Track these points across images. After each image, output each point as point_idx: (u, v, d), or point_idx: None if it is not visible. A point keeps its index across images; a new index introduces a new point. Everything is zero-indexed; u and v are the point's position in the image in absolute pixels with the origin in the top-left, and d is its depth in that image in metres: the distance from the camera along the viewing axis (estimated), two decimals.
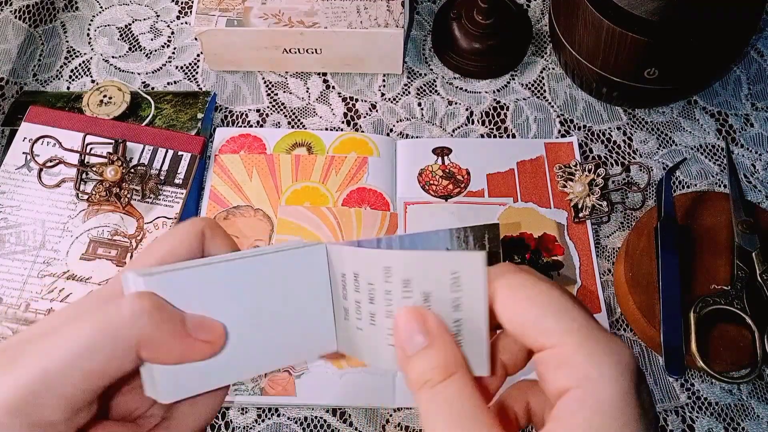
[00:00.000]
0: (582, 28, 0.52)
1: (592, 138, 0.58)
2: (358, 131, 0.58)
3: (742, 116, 0.59)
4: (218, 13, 0.57)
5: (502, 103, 0.60)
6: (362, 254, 0.29)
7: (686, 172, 0.56)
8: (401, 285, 0.28)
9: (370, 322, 0.29)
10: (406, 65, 0.62)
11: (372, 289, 0.29)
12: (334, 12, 0.57)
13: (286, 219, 0.52)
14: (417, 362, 0.26)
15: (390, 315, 0.28)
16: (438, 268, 0.27)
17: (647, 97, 0.57)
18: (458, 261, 0.27)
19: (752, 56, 0.63)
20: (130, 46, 0.63)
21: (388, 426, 0.46)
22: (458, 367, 0.26)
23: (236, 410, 0.47)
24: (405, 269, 0.28)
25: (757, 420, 0.47)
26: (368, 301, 0.29)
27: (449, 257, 0.27)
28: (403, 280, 0.28)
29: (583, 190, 0.52)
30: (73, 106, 0.57)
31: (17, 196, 0.51)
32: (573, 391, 0.24)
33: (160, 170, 0.53)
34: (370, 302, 0.29)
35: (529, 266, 0.49)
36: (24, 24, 0.62)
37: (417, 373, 0.26)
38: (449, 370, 0.26)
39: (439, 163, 0.56)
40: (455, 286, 0.27)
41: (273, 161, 0.55)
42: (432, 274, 0.27)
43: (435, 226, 0.52)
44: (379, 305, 0.29)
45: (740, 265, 0.48)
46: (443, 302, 0.27)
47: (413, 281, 0.27)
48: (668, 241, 0.48)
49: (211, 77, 0.61)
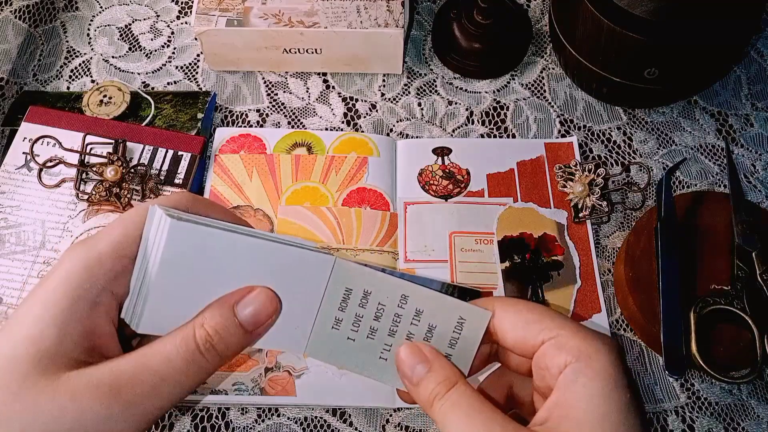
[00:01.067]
0: (582, 29, 0.52)
1: (592, 138, 0.58)
2: (358, 131, 0.58)
3: (742, 116, 0.59)
4: (218, 13, 0.57)
5: (502, 103, 0.60)
6: (382, 278, 0.33)
7: (686, 172, 0.56)
8: (413, 313, 0.33)
9: (368, 335, 0.33)
10: (406, 65, 0.62)
11: (381, 309, 0.33)
12: (334, 12, 0.57)
13: (286, 219, 0.52)
14: (424, 385, 0.31)
15: (392, 334, 0.33)
16: (450, 310, 0.33)
17: (647, 97, 0.57)
18: (470, 312, 0.33)
19: (752, 56, 0.63)
20: (130, 46, 0.63)
21: (388, 426, 0.47)
22: (458, 377, 0.31)
23: (236, 410, 0.47)
24: (421, 302, 0.33)
25: (757, 420, 0.47)
26: (372, 318, 0.33)
27: (464, 306, 0.33)
28: (416, 310, 0.33)
29: (583, 190, 0.52)
30: (73, 106, 0.57)
31: (17, 196, 0.52)
32: (572, 364, 0.29)
33: (160, 170, 0.53)
34: (374, 319, 0.33)
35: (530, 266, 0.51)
36: (24, 24, 0.62)
37: (426, 393, 0.31)
38: (452, 381, 0.31)
39: (439, 163, 0.56)
40: (458, 329, 0.33)
41: (273, 161, 0.55)
42: (443, 313, 0.33)
43: (435, 226, 0.52)
44: (385, 324, 0.33)
45: (740, 265, 0.48)
46: (442, 337, 0.33)
47: (425, 314, 0.33)
48: (668, 241, 0.48)
49: (211, 77, 0.61)
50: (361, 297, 0.33)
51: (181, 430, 0.46)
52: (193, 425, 0.46)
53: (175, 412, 0.47)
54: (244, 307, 0.31)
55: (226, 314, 0.31)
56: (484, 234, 0.52)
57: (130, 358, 0.29)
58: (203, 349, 0.30)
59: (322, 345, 0.34)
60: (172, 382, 0.29)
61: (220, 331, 0.31)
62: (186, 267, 0.31)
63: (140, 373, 0.29)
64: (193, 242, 0.30)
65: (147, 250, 0.31)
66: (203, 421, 0.47)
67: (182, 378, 0.29)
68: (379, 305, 0.33)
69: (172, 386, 0.29)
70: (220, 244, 0.31)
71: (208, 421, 0.47)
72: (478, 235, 0.52)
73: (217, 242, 0.31)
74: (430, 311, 0.33)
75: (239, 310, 0.31)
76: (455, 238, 0.52)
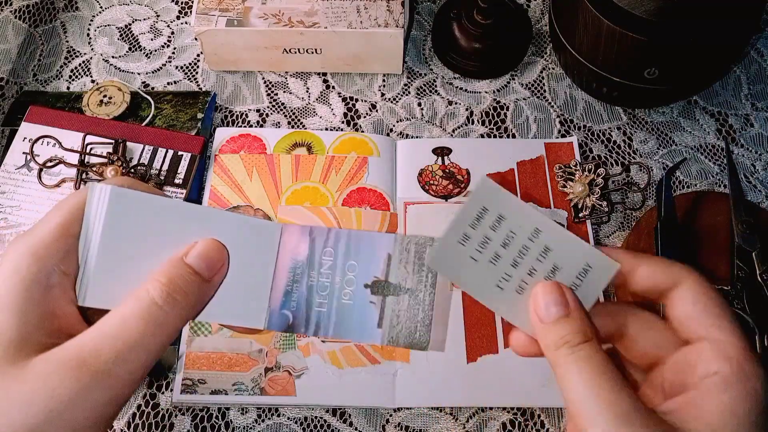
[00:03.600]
0: (582, 28, 0.52)
1: (592, 138, 0.58)
2: (358, 131, 0.58)
3: (742, 116, 0.59)
4: (218, 13, 0.57)
5: (502, 103, 0.60)
6: (520, 205, 0.32)
7: (686, 172, 0.56)
8: (541, 249, 0.32)
9: (490, 259, 0.32)
10: (406, 65, 0.62)
11: (511, 237, 0.32)
12: (334, 12, 0.57)
13: (286, 219, 0.52)
14: (557, 327, 0.29)
15: (515, 265, 0.32)
16: (578, 254, 0.31)
17: (647, 97, 0.57)
18: (597, 259, 0.31)
19: (752, 56, 0.63)
20: (130, 46, 0.63)
21: (388, 426, 0.47)
22: (593, 335, 0.29)
23: (236, 410, 0.47)
24: (552, 239, 0.32)
25: None
26: (500, 245, 0.32)
27: (594, 253, 0.31)
28: (545, 247, 0.32)
29: (583, 190, 0.52)
30: (73, 106, 0.57)
31: (17, 196, 0.51)
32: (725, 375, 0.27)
33: (160, 170, 0.53)
34: (501, 246, 0.32)
35: None
36: (24, 24, 0.62)
37: (556, 336, 0.29)
38: (587, 336, 0.29)
39: (439, 163, 0.56)
40: (582, 275, 0.31)
41: (273, 161, 0.55)
42: (571, 256, 0.32)
43: (435, 226, 0.52)
44: (510, 253, 0.32)
45: (740, 265, 0.48)
46: (563, 280, 0.31)
47: (552, 252, 0.32)
48: (668, 241, 0.48)
49: (211, 77, 0.61)
50: (494, 220, 0.32)
51: (181, 430, 0.46)
52: (193, 425, 0.46)
53: (175, 412, 0.47)
54: (193, 255, 0.32)
55: (177, 264, 0.31)
56: None
57: (91, 329, 0.29)
58: (160, 301, 0.30)
59: (444, 256, 0.33)
60: (133, 343, 0.29)
61: (174, 279, 0.31)
62: (129, 236, 0.31)
63: (101, 341, 0.28)
64: (135, 209, 0.31)
65: (89, 223, 0.31)
66: (203, 421, 0.47)
67: (142, 338, 0.29)
68: (510, 233, 0.32)
69: (135, 348, 0.29)
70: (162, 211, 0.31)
71: (208, 421, 0.47)
72: None
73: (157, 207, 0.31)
74: (558, 251, 0.32)
75: (189, 258, 0.32)
76: None
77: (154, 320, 0.30)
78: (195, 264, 0.31)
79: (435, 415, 0.47)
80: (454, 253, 0.33)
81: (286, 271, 0.37)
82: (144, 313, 0.29)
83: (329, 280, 0.36)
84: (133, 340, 0.29)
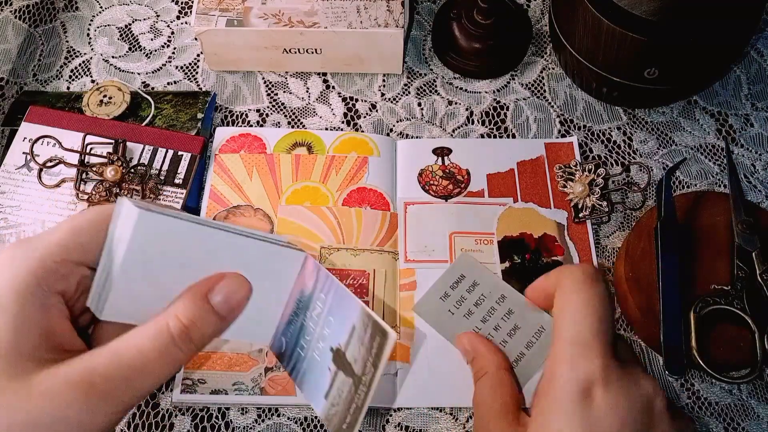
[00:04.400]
0: (582, 28, 0.52)
1: (592, 138, 0.58)
2: (358, 131, 0.58)
3: (742, 116, 0.59)
4: (218, 13, 0.57)
5: (502, 103, 0.60)
6: (490, 276, 0.43)
7: (686, 172, 0.56)
8: (505, 311, 0.41)
9: (465, 314, 0.42)
10: (406, 65, 0.62)
11: (482, 299, 0.42)
12: (334, 12, 0.57)
13: (286, 218, 0.52)
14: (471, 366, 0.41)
15: (484, 321, 0.42)
16: (535, 318, 0.40)
17: (647, 97, 0.57)
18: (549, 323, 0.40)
19: (752, 56, 0.63)
20: (130, 46, 0.63)
21: (388, 426, 0.47)
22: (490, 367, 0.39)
23: (236, 410, 0.47)
24: (514, 305, 0.41)
25: (757, 420, 0.47)
26: (473, 304, 0.42)
27: (546, 319, 0.40)
28: (509, 310, 0.41)
29: (583, 190, 0.52)
30: (73, 106, 0.57)
31: (17, 196, 0.52)
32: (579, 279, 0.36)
33: (160, 170, 0.53)
34: (474, 305, 0.42)
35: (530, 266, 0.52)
36: (24, 24, 0.62)
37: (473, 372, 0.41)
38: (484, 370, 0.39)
39: (439, 163, 0.56)
40: (536, 335, 0.40)
41: (273, 161, 0.55)
42: (529, 319, 0.40)
43: (435, 226, 0.52)
44: (480, 312, 0.42)
45: (740, 265, 0.48)
46: (522, 338, 0.40)
47: (514, 315, 0.41)
48: (668, 241, 0.48)
49: (211, 77, 0.61)
50: (470, 285, 0.42)
51: (181, 430, 0.46)
52: (193, 425, 0.46)
53: (175, 412, 0.47)
54: (217, 294, 0.32)
55: (200, 303, 0.31)
56: (484, 234, 0.52)
57: (103, 352, 0.29)
58: (178, 340, 0.30)
59: (428, 307, 0.43)
60: (146, 373, 0.29)
61: (195, 321, 0.31)
62: (152, 258, 0.31)
63: (114, 367, 0.29)
64: (160, 232, 0.31)
65: (113, 240, 0.31)
66: (203, 421, 0.47)
67: (156, 369, 0.30)
68: (482, 296, 0.42)
69: (146, 377, 0.29)
70: (187, 235, 0.31)
71: (208, 421, 0.47)
72: (478, 236, 0.52)
73: (184, 233, 0.31)
74: (519, 315, 0.41)
75: (212, 297, 0.32)
76: (455, 239, 0.52)
77: (170, 356, 0.30)
78: (218, 307, 0.32)
79: (435, 415, 0.47)
80: (435, 306, 0.43)
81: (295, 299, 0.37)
82: (162, 348, 0.30)
83: (315, 327, 0.36)
84: (147, 371, 0.29)
